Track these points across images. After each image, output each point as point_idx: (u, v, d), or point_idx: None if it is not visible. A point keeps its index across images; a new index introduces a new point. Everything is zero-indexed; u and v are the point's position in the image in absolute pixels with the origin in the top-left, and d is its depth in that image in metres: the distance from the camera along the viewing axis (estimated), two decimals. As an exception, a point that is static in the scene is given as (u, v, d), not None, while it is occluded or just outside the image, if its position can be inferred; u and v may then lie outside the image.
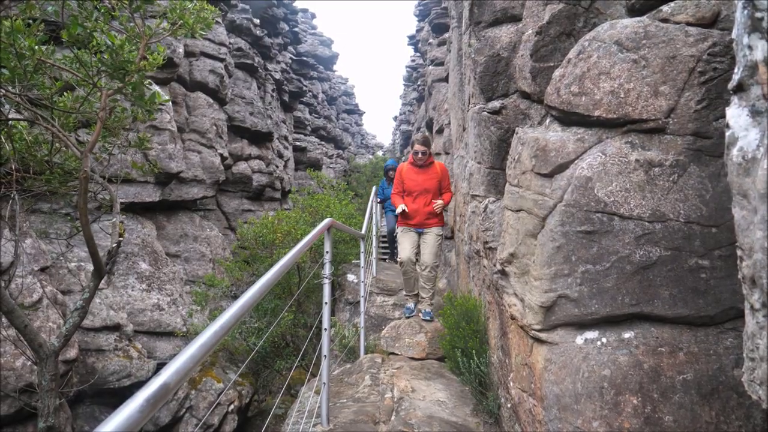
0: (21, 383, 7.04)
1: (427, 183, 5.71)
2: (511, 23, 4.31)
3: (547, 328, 2.75)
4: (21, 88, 4.33)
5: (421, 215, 5.73)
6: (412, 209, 5.73)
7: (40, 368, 4.51)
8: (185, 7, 4.60)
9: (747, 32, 1.40)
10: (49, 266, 9.01)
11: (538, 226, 2.83)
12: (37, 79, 4.38)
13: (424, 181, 5.70)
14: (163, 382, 0.97)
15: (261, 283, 1.76)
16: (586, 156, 2.72)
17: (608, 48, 2.76)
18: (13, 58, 3.99)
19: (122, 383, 8.95)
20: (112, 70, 4.26)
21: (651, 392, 2.42)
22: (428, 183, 5.71)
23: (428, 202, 5.71)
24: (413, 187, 5.73)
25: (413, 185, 5.73)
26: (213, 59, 17.01)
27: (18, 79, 4.20)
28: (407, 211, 5.71)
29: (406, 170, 5.82)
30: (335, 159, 36.89)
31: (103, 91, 4.38)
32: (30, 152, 4.96)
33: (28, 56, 4.09)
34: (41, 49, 4.20)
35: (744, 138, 1.40)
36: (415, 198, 5.74)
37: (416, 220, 5.75)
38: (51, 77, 4.74)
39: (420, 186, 5.71)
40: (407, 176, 5.78)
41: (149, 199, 12.30)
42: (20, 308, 4.71)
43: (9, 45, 3.86)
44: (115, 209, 5.37)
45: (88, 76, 4.37)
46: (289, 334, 8.90)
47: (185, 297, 11.54)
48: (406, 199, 5.79)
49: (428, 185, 5.71)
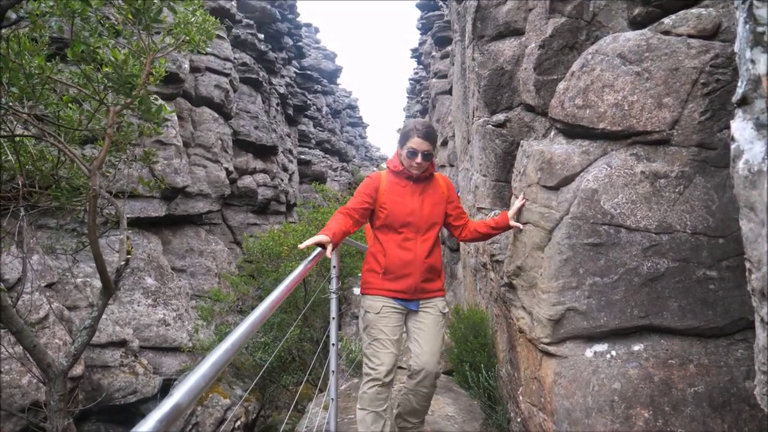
0: (27, 401, 7.04)
1: (431, 211, 3.07)
2: (514, 37, 4.35)
3: (556, 341, 2.74)
4: (29, 106, 4.39)
5: (417, 273, 3.00)
6: (400, 260, 2.99)
7: (48, 388, 4.51)
8: (189, 21, 4.66)
9: (749, 46, 1.41)
10: (55, 282, 9.06)
11: (545, 238, 2.83)
12: (46, 96, 4.44)
13: (426, 207, 3.07)
14: (175, 402, 0.98)
15: (270, 299, 1.77)
16: (592, 168, 2.73)
17: (611, 61, 2.78)
18: (22, 77, 4.05)
19: (128, 400, 8.94)
20: (118, 86, 4.32)
21: (662, 405, 2.40)
22: (433, 211, 3.09)
23: (431, 247, 3.06)
24: (405, 217, 3.02)
25: (404, 213, 3.02)
26: (218, 74, 17.18)
27: (27, 97, 4.26)
28: (387, 266, 3.00)
29: (387, 185, 3.10)
30: (339, 172, 37.02)
31: (111, 107, 4.44)
32: (36, 166, 5.00)
33: (37, 74, 4.15)
34: (49, 67, 4.26)
35: (749, 151, 1.41)
36: (405, 239, 3.01)
37: (407, 283, 2.99)
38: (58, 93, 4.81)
39: (418, 216, 3.03)
40: (392, 197, 3.05)
41: (155, 213, 12.38)
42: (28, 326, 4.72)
43: (18, 65, 3.92)
44: (122, 225, 5.40)
45: (94, 92, 4.43)
46: (295, 348, 8.88)
47: (191, 312, 11.56)
48: (386, 240, 3.04)
49: (434, 214, 3.08)
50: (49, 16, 3.93)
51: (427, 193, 3.10)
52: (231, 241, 17.50)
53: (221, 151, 16.54)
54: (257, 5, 23.23)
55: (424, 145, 2.97)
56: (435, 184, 3.17)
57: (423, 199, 3.06)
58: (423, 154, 2.97)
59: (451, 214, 3.18)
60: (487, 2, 4.50)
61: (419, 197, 3.07)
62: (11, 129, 4.71)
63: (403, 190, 3.07)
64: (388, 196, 3.06)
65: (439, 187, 3.18)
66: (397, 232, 3.02)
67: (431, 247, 3.04)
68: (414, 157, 2.98)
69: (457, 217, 3.19)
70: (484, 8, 4.52)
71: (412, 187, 3.08)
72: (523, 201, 3.05)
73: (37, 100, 4.26)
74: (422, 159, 2.98)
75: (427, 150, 2.98)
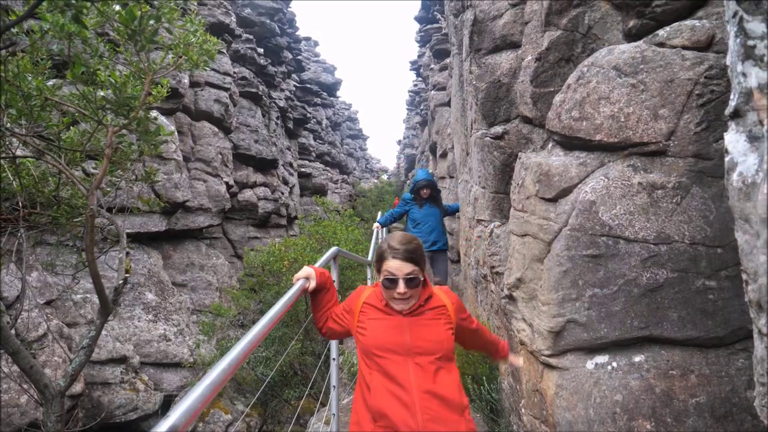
0: (26, 420, 6.99)
1: (426, 347, 2.07)
2: (510, 50, 4.38)
3: (557, 353, 2.73)
4: (28, 127, 4.41)
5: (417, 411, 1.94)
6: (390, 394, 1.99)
7: (45, 409, 4.46)
8: (189, 41, 4.69)
9: (741, 60, 1.43)
10: (55, 299, 9.03)
11: (544, 250, 2.83)
12: (45, 117, 4.45)
13: (419, 341, 2.08)
14: (171, 425, 0.98)
15: (270, 314, 1.77)
16: (589, 180, 2.74)
17: (607, 73, 2.80)
18: (20, 99, 4.07)
19: (129, 417, 8.87)
20: (116, 107, 4.34)
21: (664, 417, 2.39)
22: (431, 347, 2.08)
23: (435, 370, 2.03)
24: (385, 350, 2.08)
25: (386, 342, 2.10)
26: (218, 89, 17.26)
27: (25, 118, 4.28)
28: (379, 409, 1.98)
29: (366, 309, 2.23)
30: (340, 184, 37.08)
31: (109, 127, 4.45)
32: (37, 187, 5.01)
33: (36, 96, 4.17)
34: (48, 88, 4.28)
35: (743, 163, 1.42)
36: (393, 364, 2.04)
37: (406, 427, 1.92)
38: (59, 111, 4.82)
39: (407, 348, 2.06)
40: (374, 328, 2.15)
41: (155, 228, 12.37)
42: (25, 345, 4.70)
43: (16, 86, 3.94)
44: (121, 244, 5.39)
45: (93, 112, 4.45)
46: (297, 362, 8.84)
47: (192, 327, 11.52)
48: (370, 371, 2.09)
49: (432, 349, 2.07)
50: (50, 36, 3.96)
51: (421, 324, 2.10)
52: (232, 255, 17.47)
53: (221, 165, 16.59)
54: (256, 20, 23.41)
55: (406, 267, 2.05)
56: (433, 312, 2.15)
57: (415, 335, 2.07)
58: (406, 279, 2.04)
59: (465, 338, 2.31)
60: (483, 16, 4.55)
61: (408, 332, 2.08)
62: (12, 150, 4.73)
63: (385, 323, 2.12)
64: (370, 325, 2.15)
65: (446, 316, 2.16)
66: (377, 359, 2.06)
67: (435, 371, 2.00)
68: (393, 286, 2.05)
69: (472, 334, 2.32)
70: (480, 21, 4.56)
71: (398, 320, 2.11)
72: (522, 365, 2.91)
73: (35, 121, 4.28)
74: (406, 287, 2.04)
75: (411, 273, 2.05)
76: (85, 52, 4.28)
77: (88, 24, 3.93)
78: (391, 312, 2.12)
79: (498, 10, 4.45)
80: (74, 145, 4.74)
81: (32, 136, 4.43)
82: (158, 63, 4.64)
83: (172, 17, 4.28)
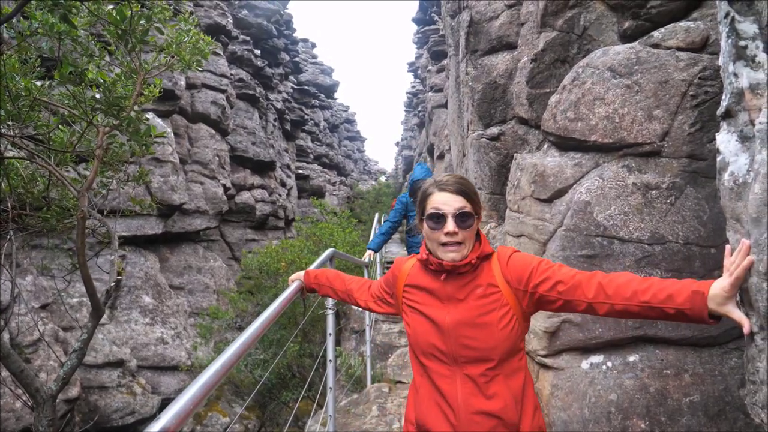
0: (21, 425, 6.97)
1: (474, 333, 1.59)
2: (506, 51, 4.39)
3: (552, 353, 2.74)
4: (17, 127, 4.37)
5: None
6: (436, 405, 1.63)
7: (37, 413, 4.42)
8: (181, 41, 4.65)
9: (732, 60, 1.43)
10: (50, 303, 9.00)
11: (540, 251, 2.84)
12: (34, 117, 4.42)
13: (464, 328, 1.60)
14: (161, 426, 0.97)
15: (264, 316, 1.78)
16: (584, 180, 2.75)
17: (602, 74, 2.81)
18: (8, 100, 4.02)
19: (126, 420, 8.86)
20: (106, 107, 4.30)
21: (658, 416, 2.40)
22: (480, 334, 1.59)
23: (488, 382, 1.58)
24: (428, 346, 1.66)
25: (426, 334, 1.66)
26: (214, 91, 17.25)
27: (14, 119, 4.24)
28: (424, 422, 1.66)
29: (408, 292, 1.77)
30: (338, 186, 37.07)
31: (100, 128, 4.42)
32: (27, 188, 4.96)
33: (24, 96, 4.13)
34: (37, 87, 4.24)
35: (734, 163, 1.43)
36: (438, 375, 1.64)
37: None
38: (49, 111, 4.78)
39: (451, 341, 1.61)
40: (416, 324, 1.70)
41: (152, 231, 12.35)
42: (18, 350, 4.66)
43: (4, 86, 3.91)
44: (113, 246, 5.36)
45: (83, 112, 4.41)
46: (295, 364, 8.83)
47: (189, 330, 11.50)
48: (418, 370, 1.72)
49: (481, 338, 1.58)
50: (40, 35, 3.92)
51: (471, 297, 1.62)
52: (229, 258, 17.45)
53: (218, 167, 16.57)
54: (254, 21, 23.41)
55: (456, 200, 1.61)
56: (486, 277, 1.64)
57: (459, 311, 1.62)
58: (456, 215, 1.60)
59: (548, 298, 1.59)
60: (479, 17, 4.56)
61: (453, 307, 1.63)
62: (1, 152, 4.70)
63: (429, 296, 1.69)
64: (412, 296, 1.75)
65: (495, 300, 1.61)
66: (426, 364, 1.68)
67: (488, 382, 1.58)
68: (440, 225, 1.61)
69: (567, 293, 1.57)
70: (477, 23, 4.57)
71: (442, 289, 1.66)
72: None
73: (24, 121, 4.24)
74: (456, 225, 1.59)
75: (462, 208, 1.60)
76: (75, 50, 4.25)
77: (78, 24, 3.91)
78: (435, 282, 1.66)
79: (494, 11, 4.47)
80: (64, 146, 4.69)
81: (21, 137, 4.40)
82: (150, 63, 4.62)
83: (163, 17, 4.26)
